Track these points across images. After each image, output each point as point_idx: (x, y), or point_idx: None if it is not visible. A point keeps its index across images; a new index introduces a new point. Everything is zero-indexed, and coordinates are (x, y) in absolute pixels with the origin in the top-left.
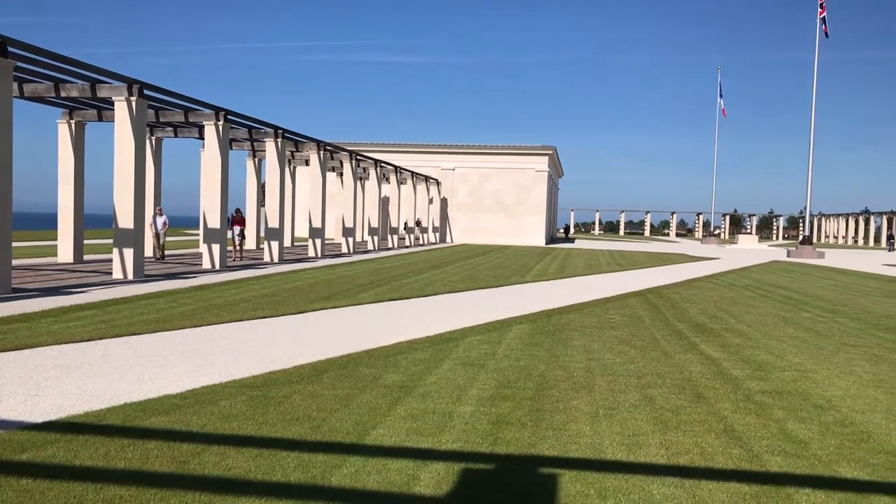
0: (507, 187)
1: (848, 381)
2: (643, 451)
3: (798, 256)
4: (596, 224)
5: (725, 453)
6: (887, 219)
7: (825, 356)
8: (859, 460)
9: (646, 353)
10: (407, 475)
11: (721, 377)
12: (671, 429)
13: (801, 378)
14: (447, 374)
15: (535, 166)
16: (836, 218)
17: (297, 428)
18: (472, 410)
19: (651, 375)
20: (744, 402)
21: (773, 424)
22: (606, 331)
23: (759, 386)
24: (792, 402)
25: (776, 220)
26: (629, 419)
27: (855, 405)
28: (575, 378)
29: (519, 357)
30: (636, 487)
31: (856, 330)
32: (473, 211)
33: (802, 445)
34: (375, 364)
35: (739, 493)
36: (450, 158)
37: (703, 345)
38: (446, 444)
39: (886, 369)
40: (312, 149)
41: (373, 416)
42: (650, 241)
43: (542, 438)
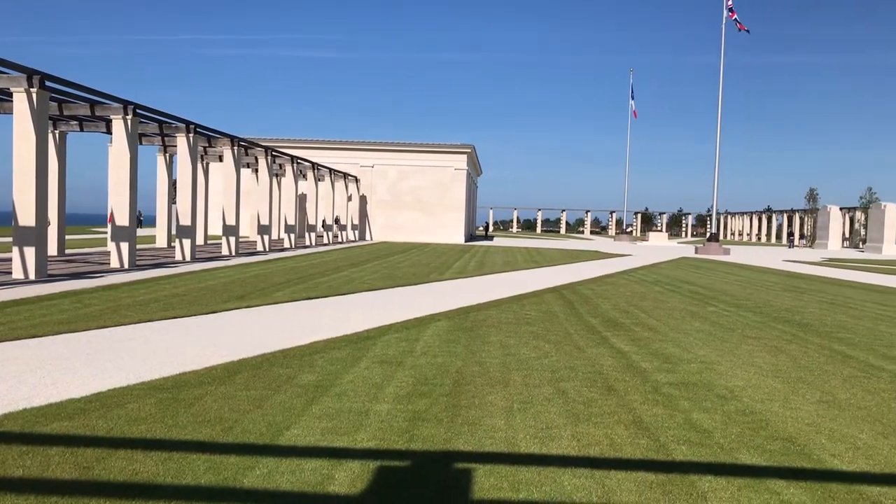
0: (426, 185)
1: (749, 372)
2: (555, 444)
3: (705, 253)
4: (514, 222)
5: (634, 444)
6: (787, 217)
7: (729, 348)
8: (758, 447)
9: (560, 348)
10: (321, 475)
11: (631, 370)
12: (583, 421)
13: (706, 370)
14: (364, 373)
15: (454, 164)
16: (741, 216)
17: (209, 430)
18: (388, 408)
19: (564, 369)
20: (652, 394)
21: (680, 415)
22: (522, 326)
23: (666, 378)
24: (697, 392)
25: (685, 218)
26: (543, 412)
27: (755, 395)
28: (491, 373)
29: (436, 354)
30: (548, 479)
31: (757, 323)
32: (393, 208)
33: (706, 434)
34: (291, 364)
35: (646, 482)
36: (368, 155)
37: (615, 339)
38: (362, 442)
39: (784, 360)
40: (226, 144)
41: (287, 416)
42: (566, 239)
43: (458, 434)
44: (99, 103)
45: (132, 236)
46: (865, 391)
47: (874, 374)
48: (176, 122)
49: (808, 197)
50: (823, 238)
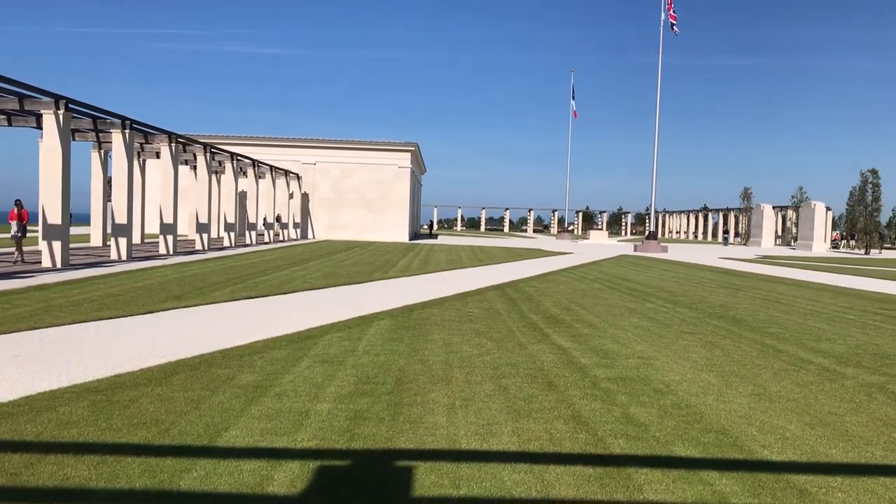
0: (369, 183)
1: (685, 366)
2: (496, 440)
3: (644, 250)
4: (458, 220)
5: (573, 438)
6: (723, 215)
7: (665, 344)
8: (692, 439)
9: (502, 345)
10: (260, 475)
11: (571, 366)
12: (523, 417)
13: (643, 365)
14: (305, 373)
15: (398, 162)
16: (678, 214)
17: (144, 432)
18: (329, 408)
19: (506, 366)
20: (591, 389)
21: (617, 409)
22: (465, 324)
23: (605, 373)
24: (635, 387)
25: (625, 216)
26: (484, 409)
27: (690, 389)
28: (433, 371)
29: (379, 353)
30: (488, 475)
31: (693, 319)
32: (336, 206)
33: (643, 428)
34: (229, 364)
35: (584, 476)
36: (311, 153)
37: (556, 335)
38: (302, 442)
39: (719, 355)
40: (164, 141)
41: (225, 417)
42: (509, 237)
43: (400, 432)
44: (28, 97)
45: (65, 235)
46: (795, 384)
47: (803, 368)
48: (111, 117)
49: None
50: (757, 236)
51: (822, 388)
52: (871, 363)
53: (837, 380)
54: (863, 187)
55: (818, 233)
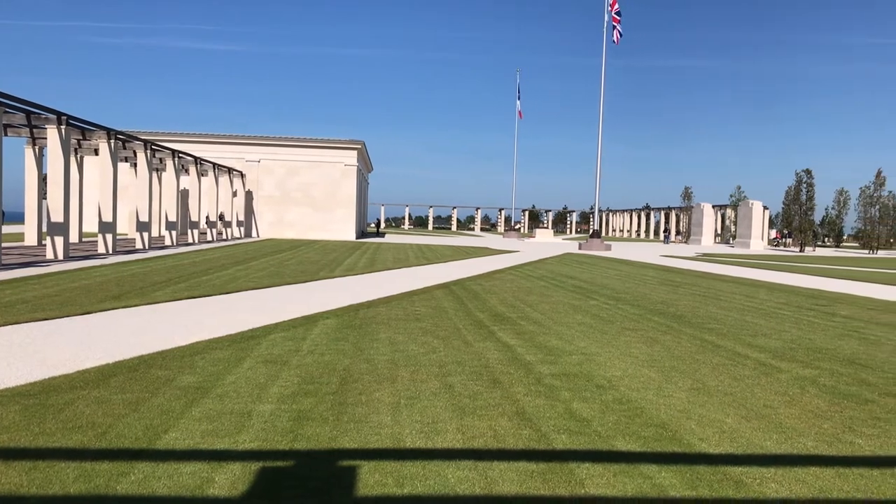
0: (315, 181)
1: (626, 362)
2: (441, 438)
3: (588, 249)
4: (406, 218)
5: (517, 434)
6: (665, 214)
7: (608, 340)
8: (633, 434)
9: (448, 343)
10: (200, 478)
11: (516, 363)
12: (468, 414)
13: (586, 361)
14: (247, 373)
15: (345, 160)
16: (622, 213)
17: (80, 436)
18: (272, 408)
19: (452, 364)
20: (535, 386)
21: (560, 405)
22: (412, 322)
23: (549, 370)
24: (578, 383)
25: (570, 215)
26: (429, 407)
27: (631, 384)
28: (379, 370)
29: (324, 352)
30: (433, 473)
31: (635, 315)
32: (281, 205)
33: (585, 423)
34: (170, 365)
35: (527, 471)
36: (255, 150)
37: (501, 333)
38: (244, 443)
39: (659, 350)
40: (102, 137)
41: (165, 419)
42: (457, 236)
43: (344, 432)
44: None
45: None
46: (732, 378)
47: (740, 362)
48: (46, 112)
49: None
50: (697, 234)
51: (758, 381)
52: (804, 357)
53: (772, 374)
54: (798, 187)
55: (756, 231)
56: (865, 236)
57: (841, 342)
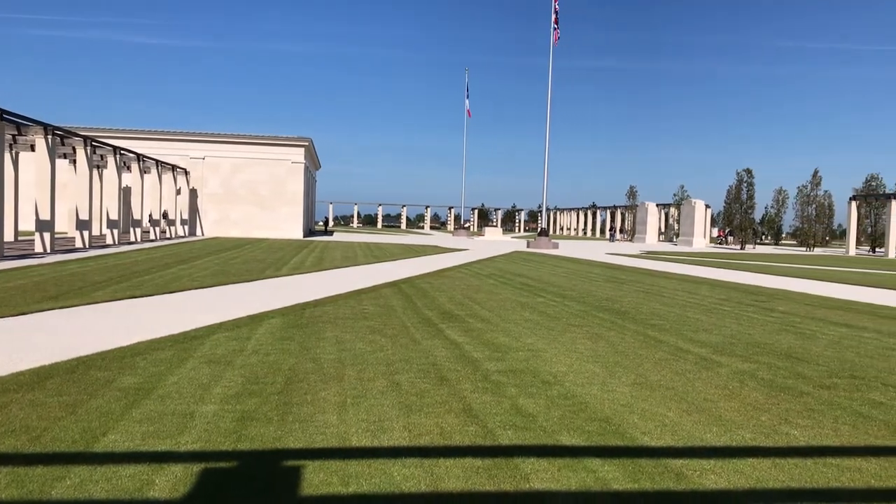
0: (262, 178)
1: (572, 357)
2: (387, 436)
3: (536, 247)
4: (354, 217)
5: (463, 431)
6: (611, 213)
7: (554, 336)
8: (577, 428)
9: (396, 341)
10: (140, 480)
11: (463, 360)
12: (415, 412)
13: (532, 357)
14: (190, 374)
15: (292, 157)
16: (569, 212)
17: (13, 440)
18: (215, 409)
19: (400, 362)
20: (482, 382)
21: (507, 401)
22: (359, 321)
23: (496, 366)
24: (524, 379)
25: (518, 213)
26: (376, 406)
27: (576, 379)
28: (325, 370)
29: (269, 352)
30: (378, 471)
31: (581, 312)
32: (226, 202)
33: (531, 419)
34: (110, 367)
35: (473, 468)
36: (199, 147)
37: (449, 330)
38: (186, 445)
39: (603, 346)
40: (39, 133)
41: (104, 421)
42: (406, 234)
43: (289, 432)
44: None
45: None
46: (674, 372)
47: (682, 357)
48: None
49: (628, 194)
50: (642, 232)
51: (699, 375)
52: (743, 352)
53: (713, 368)
54: (738, 186)
55: (698, 229)
56: (803, 234)
57: (778, 337)
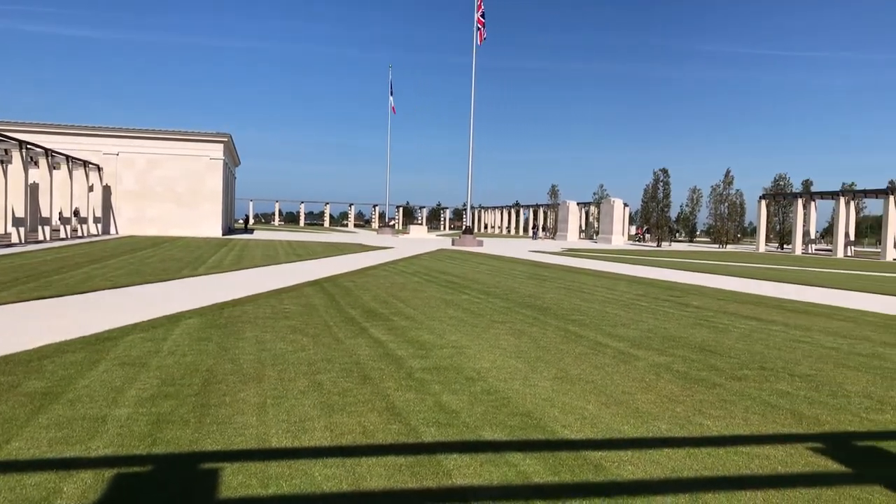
0: (179, 175)
1: (495, 353)
2: (308, 436)
3: (461, 245)
4: (276, 214)
5: (386, 429)
6: (533, 211)
7: (478, 333)
8: (499, 423)
9: (318, 341)
10: (47, 489)
11: (387, 358)
12: (337, 411)
13: (456, 354)
14: (102, 377)
15: (210, 153)
16: (493, 210)
17: None
18: (129, 413)
19: (322, 361)
20: (406, 380)
21: (430, 398)
22: (280, 321)
23: (420, 364)
24: (448, 376)
25: (443, 211)
26: (297, 406)
27: (499, 375)
28: (244, 370)
29: (186, 353)
30: (299, 472)
31: (504, 308)
32: (142, 199)
33: (454, 415)
34: (14, 371)
35: (396, 465)
36: (113, 142)
37: (373, 329)
38: (97, 450)
39: (526, 342)
40: None
41: (8, 428)
42: (330, 232)
43: (206, 434)
44: None
45: None
46: (593, 366)
47: (601, 351)
48: None
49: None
50: (564, 230)
51: (617, 369)
52: (659, 345)
53: (630, 361)
54: (655, 185)
55: (617, 227)
56: (716, 231)
57: (693, 330)
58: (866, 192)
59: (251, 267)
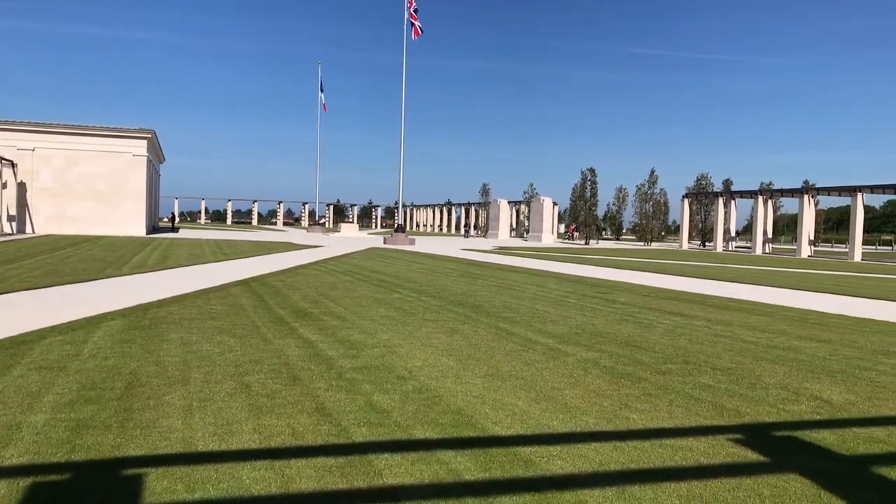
0: (100, 172)
1: (427, 352)
2: (236, 439)
3: (393, 243)
4: (202, 212)
5: (316, 431)
6: (465, 209)
7: (410, 331)
8: (431, 421)
9: (245, 342)
10: None
11: (317, 358)
12: (265, 413)
13: (388, 353)
14: (17, 382)
15: (133, 150)
16: (425, 208)
17: None
18: (46, 419)
19: (249, 363)
20: (336, 380)
21: (361, 398)
22: (207, 321)
23: (351, 363)
24: (379, 375)
25: (375, 210)
26: (224, 408)
27: (431, 373)
28: (169, 372)
29: (108, 356)
30: (226, 475)
31: (436, 307)
32: (61, 198)
33: (385, 414)
34: None
35: (326, 467)
36: (28, 137)
37: (303, 329)
38: (11, 459)
39: (458, 339)
40: None
41: None
42: (258, 231)
43: (129, 439)
44: None
45: None
46: (523, 363)
47: (531, 348)
48: None
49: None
50: (495, 228)
51: (547, 365)
52: (587, 341)
53: (560, 357)
54: (583, 184)
55: (546, 225)
56: (641, 230)
57: (619, 326)
58: (783, 192)
59: (177, 267)
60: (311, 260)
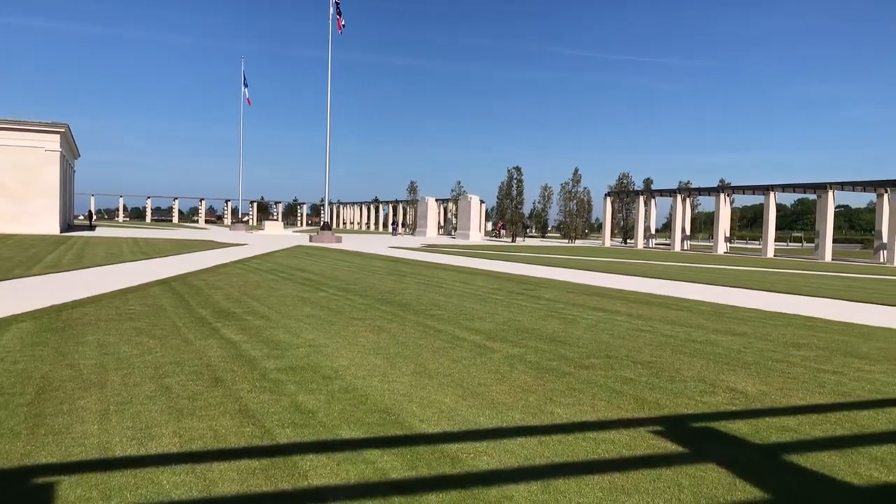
0: (9, 167)
1: (354, 351)
2: (155, 443)
3: (319, 241)
4: (120, 210)
5: (239, 433)
6: (393, 207)
7: (336, 330)
8: (357, 421)
9: (165, 343)
10: None
11: (240, 359)
12: (186, 416)
13: (314, 353)
14: None
15: (45, 145)
16: (352, 206)
17: None
18: None
19: (170, 364)
20: (260, 381)
21: (286, 399)
22: (125, 322)
23: (275, 364)
24: (304, 375)
25: (300, 207)
26: (143, 412)
27: (358, 372)
28: (85, 376)
29: (17, 360)
30: (145, 481)
31: (363, 305)
32: None
33: (310, 415)
34: None
35: (249, 469)
36: None
37: (225, 329)
38: None
39: (385, 338)
40: None
41: None
42: (179, 229)
43: (41, 446)
44: None
45: None
46: (451, 360)
47: (458, 345)
48: None
49: (409, 189)
50: (423, 226)
51: (474, 362)
52: (514, 338)
53: (486, 354)
54: (509, 183)
55: (474, 223)
56: (566, 227)
57: (545, 322)
58: (700, 191)
59: (93, 266)
60: (235, 258)
